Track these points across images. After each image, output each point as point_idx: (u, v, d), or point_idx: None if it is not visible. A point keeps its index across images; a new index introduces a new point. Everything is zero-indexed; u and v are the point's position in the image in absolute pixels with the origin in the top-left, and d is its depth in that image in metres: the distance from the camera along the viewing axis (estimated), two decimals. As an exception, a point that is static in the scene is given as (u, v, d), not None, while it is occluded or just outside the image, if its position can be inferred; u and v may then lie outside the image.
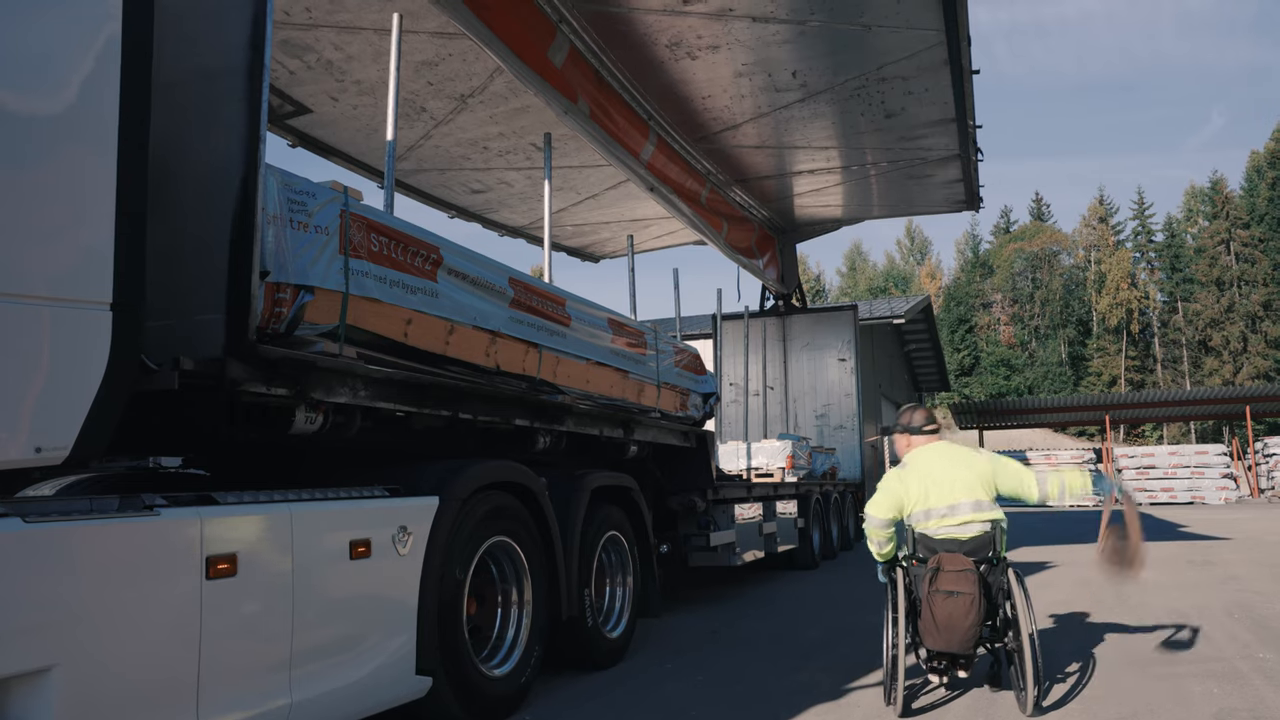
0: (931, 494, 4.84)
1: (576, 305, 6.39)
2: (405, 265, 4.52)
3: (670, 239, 16.12)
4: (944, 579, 4.56)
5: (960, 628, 4.51)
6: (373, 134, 10.59)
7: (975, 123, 11.24)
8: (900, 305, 35.92)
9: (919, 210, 16.34)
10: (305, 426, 4.06)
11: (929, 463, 4.99)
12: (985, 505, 4.83)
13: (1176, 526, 19.75)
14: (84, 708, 2.74)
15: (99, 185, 3.00)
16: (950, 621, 4.51)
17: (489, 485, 4.91)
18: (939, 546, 4.76)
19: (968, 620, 4.51)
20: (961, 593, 4.52)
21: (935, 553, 4.72)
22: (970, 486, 4.84)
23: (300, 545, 3.60)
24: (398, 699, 4.15)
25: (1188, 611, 7.75)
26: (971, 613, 4.51)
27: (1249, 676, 5.33)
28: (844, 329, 17.37)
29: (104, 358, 2.97)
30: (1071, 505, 32.68)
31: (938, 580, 4.57)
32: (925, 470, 4.95)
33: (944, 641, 4.55)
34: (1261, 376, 60.92)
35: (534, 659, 5.13)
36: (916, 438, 5.22)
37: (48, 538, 2.70)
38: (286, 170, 3.90)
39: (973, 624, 4.53)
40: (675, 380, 8.14)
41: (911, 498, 4.89)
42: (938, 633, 4.55)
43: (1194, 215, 75.52)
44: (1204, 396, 39.41)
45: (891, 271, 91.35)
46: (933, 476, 4.89)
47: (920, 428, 5.23)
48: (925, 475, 4.92)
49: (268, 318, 3.70)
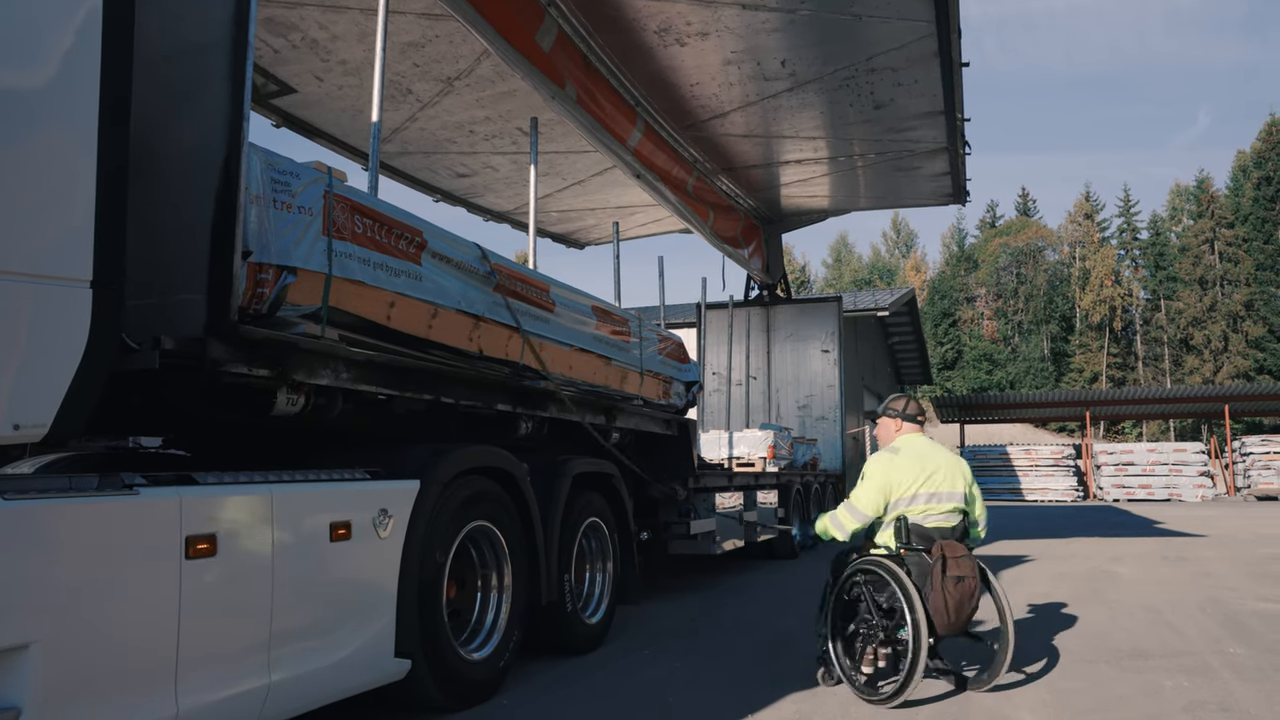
0: (935, 478, 4.92)
1: (560, 291, 6.38)
2: (389, 248, 4.50)
3: (656, 227, 16.10)
4: (952, 565, 4.67)
5: (966, 610, 4.71)
6: (357, 115, 10.52)
7: (964, 116, 11.27)
8: (885, 297, 36.01)
9: (906, 203, 16.38)
10: (287, 408, 4.05)
11: (922, 449, 5.06)
12: (963, 497, 4.96)
13: (1153, 523, 19.97)
14: (62, 684, 2.73)
15: (79, 162, 2.97)
16: (960, 606, 4.66)
17: (470, 470, 4.91)
18: (934, 534, 4.83)
19: (972, 603, 4.74)
20: (967, 577, 4.69)
21: (931, 540, 4.80)
22: (957, 478, 4.98)
23: (280, 526, 3.59)
24: (377, 681, 4.15)
25: (1161, 607, 7.85)
26: (975, 596, 4.74)
27: (1219, 671, 5.40)
28: (828, 320, 17.41)
29: (84, 335, 2.95)
30: (1053, 501, 32.96)
31: (949, 566, 4.66)
32: (920, 455, 5.01)
33: (952, 625, 4.69)
34: (1241, 376, 61.40)
35: (513, 643, 5.14)
36: (907, 424, 5.27)
37: (26, 515, 2.68)
38: (270, 150, 3.88)
39: (975, 607, 4.77)
40: (658, 368, 8.15)
41: (904, 482, 4.92)
42: (949, 617, 4.65)
43: (1179, 214, 75.92)
44: (1184, 395, 39.71)
45: (877, 264, 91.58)
46: (930, 461, 4.97)
47: (913, 415, 5.30)
48: (922, 460, 4.97)
49: (250, 298, 3.68)
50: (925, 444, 5.13)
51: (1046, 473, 34.39)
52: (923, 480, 4.91)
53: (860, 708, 4.69)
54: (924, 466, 4.94)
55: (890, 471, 4.95)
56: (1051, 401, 43.24)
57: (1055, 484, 34.01)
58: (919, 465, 4.94)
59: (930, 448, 5.11)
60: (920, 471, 4.92)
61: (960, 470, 5.03)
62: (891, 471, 4.95)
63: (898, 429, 5.28)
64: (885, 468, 4.97)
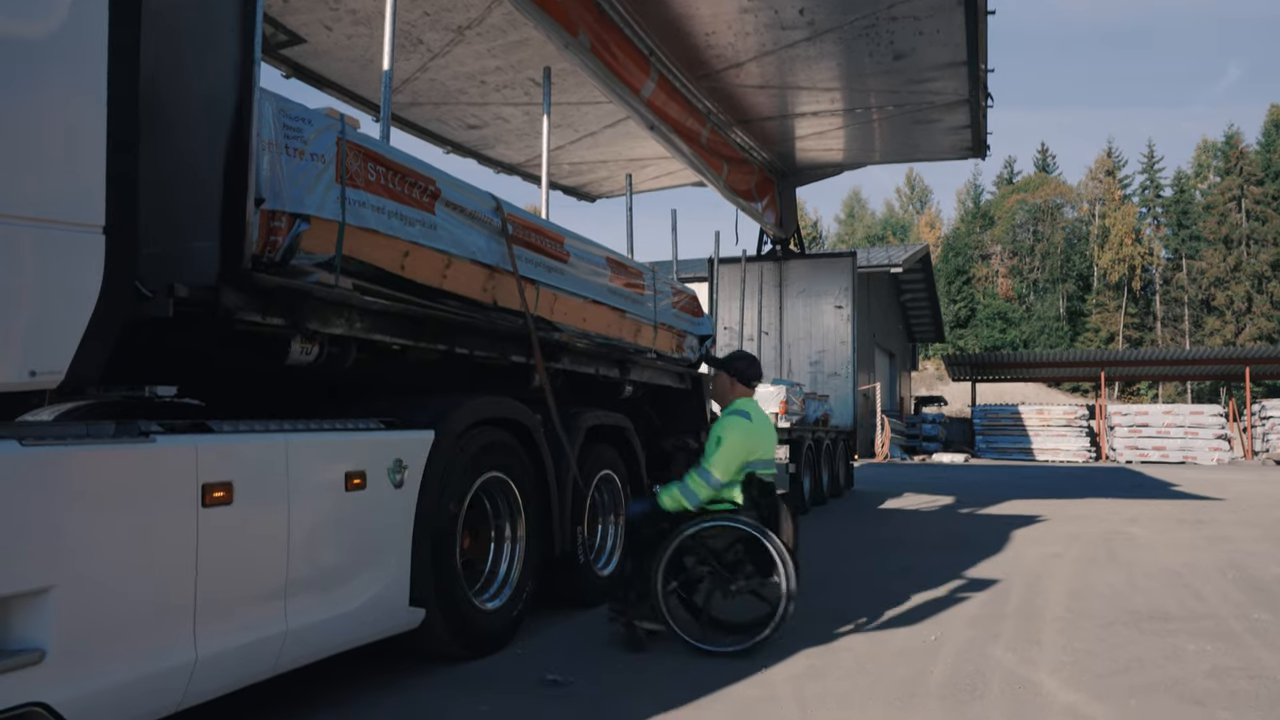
0: (770, 441, 5.25)
1: (575, 243, 6.33)
2: (403, 196, 4.46)
3: (669, 180, 15.95)
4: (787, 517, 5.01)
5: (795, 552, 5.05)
6: (367, 65, 10.42)
7: (987, 66, 11.07)
8: (898, 254, 35.83)
9: (923, 157, 16.18)
10: (300, 357, 4.04)
11: (760, 412, 5.31)
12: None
13: (1168, 485, 19.87)
14: (84, 627, 2.76)
15: (89, 107, 2.94)
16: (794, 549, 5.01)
17: (485, 421, 4.91)
18: (769, 489, 5.10)
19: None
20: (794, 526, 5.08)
21: (768, 495, 5.05)
22: (774, 439, 5.36)
23: (296, 476, 3.60)
24: (391, 629, 4.19)
25: (1180, 570, 7.77)
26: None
27: (1243, 637, 5.32)
28: (842, 276, 17.30)
29: (97, 282, 2.93)
30: (1065, 461, 32.95)
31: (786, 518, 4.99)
32: (762, 418, 5.26)
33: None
34: (1264, 338, 60.46)
35: (526, 594, 5.18)
36: (744, 387, 5.43)
37: (44, 461, 2.69)
38: (282, 96, 3.83)
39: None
40: (672, 321, 8.11)
41: (758, 447, 5.13)
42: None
43: (1204, 171, 74.74)
44: (1204, 356, 39.28)
45: (890, 220, 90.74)
46: (767, 424, 5.27)
47: (752, 379, 5.46)
48: (764, 423, 5.24)
49: (263, 246, 3.66)
50: (758, 406, 5.37)
51: (1059, 433, 34.30)
52: (766, 443, 5.20)
53: (876, 661, 4.72)
54: (767, 430, 5.24)
55: (748, 439, 5.11)
56: (1066, 361, 43.00)
57: (1067, 445, 33.92)
58: (765, 430, 5.22)
59: (762, 410, 5.36)
60: (766, 436, 5.21)
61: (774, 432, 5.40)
62: (749, 439, 5.11)
63: (734, 390, 5.41)
64: (743, 435, 5.11)
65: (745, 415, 5.16)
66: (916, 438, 35.57)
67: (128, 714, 2.94)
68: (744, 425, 5.11)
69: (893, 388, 39.32)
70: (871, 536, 10.14)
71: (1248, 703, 4.06)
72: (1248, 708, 3.98)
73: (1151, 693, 4.20)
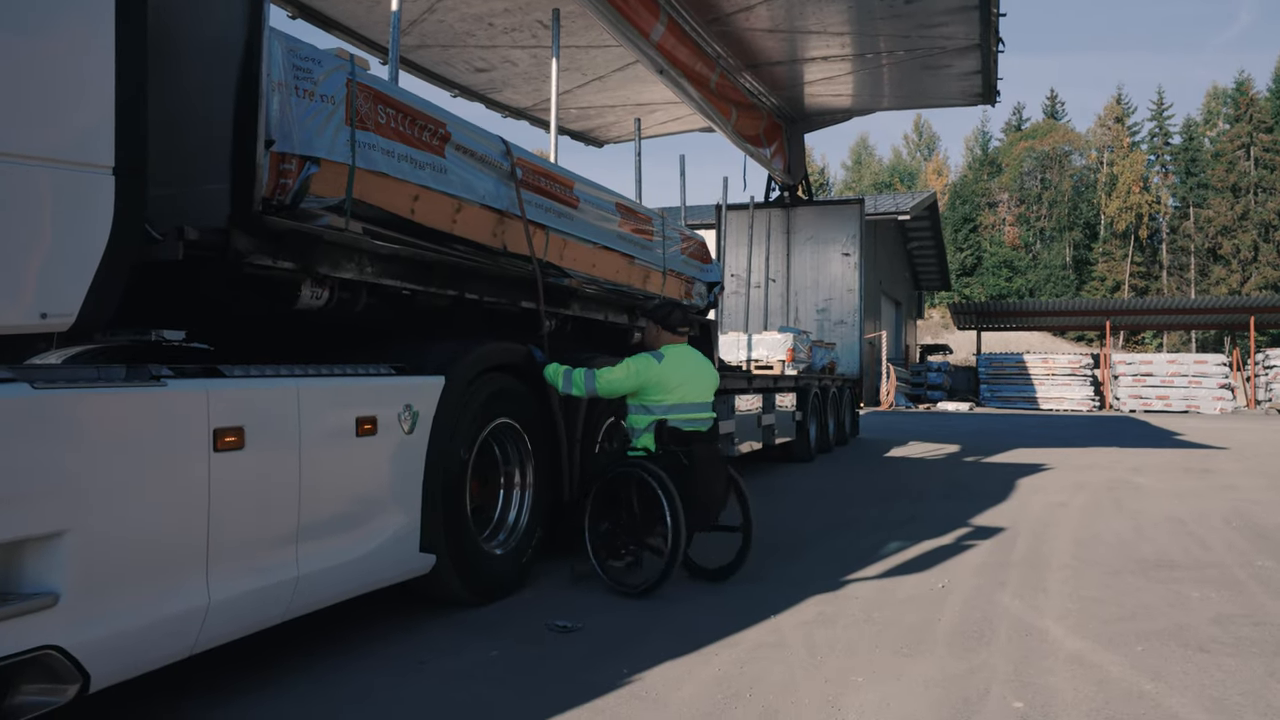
0: (690, 387, 5.23)
1: (585, 188, 6.26)
2: (413, 139, 4.39)
3: (677, 125, 15.77)
4: (705, 465, 5.07)
5: (719, 500, 5.21)
6: (374, 6, 10.24)
7: (999, 10, 10.86)
8: (905, 201, 35.54)
9: (932, 103, 15.96)
10: (311, 301, 4.01)
11: (682, 358, 5.30)
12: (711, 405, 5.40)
13: (1172, 434, 19.90)
14: (97, 571, 2.77)
15: (98, 48, 2.89)
16: (713, 498, 5.14)
17: (495, 367, 4.90)
18: (690, 437, 5.12)
19: (726, 494, 5.24)
20: (719, 474, 5.18)
21: (687, 442, 5.09)
22: (710, 387, 5.38)
23: (307, 421, 3.58)
24: (402, 575, 4.21)
25: (1185, 518, 7.81)
26: (726, 493, 5.24)
27: (1247, 584, 5.37)
28: (849, 223, 17.16)
29: (107, 223, 2.90)
30: (1068, 410, 32.99)
31: (702, 466, 5.05)
32: (680, 364, 5.25)
33: (708, 517, 5.18)
34: (1269, 287, 60.27)
35: (535, 540, 5.20)
36: (668, 334, 5.44)
37: (55, 404, 2.67)
38: (291, 35, 3.75)
39: (724, 503, 5.26)
40: (681, 268, 8.06)
41: (665, 388, 5.16)
42: (706, 511, 5.12)
43: (1214, 118, 73.84)
44: (1209, 305, 39.18)
45: (897, 166, 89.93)
46: (687, 370, 5.26)
47: (676, 326, 5.46)
48: (680, 369, 5.23)
49: (273, 188, 3.61)
50: (687, 353, 5.38)
51: (1063, 382, 34.31)
52: (681, 389, 5.18)
53: (883, 609, 4.75)
54: (683, 376, 5.21)
55: (647, 373, 5.14)
56: (1071, 310, 42.85)
57: (1071, 393, 33.96)
58: (678, 375, 5.20)
59: (689, 356, 5.36)
60: (679, 381, 5.19)
61: (712, 379, 5.41)
62: (649, 374, 5.14)
63: (658, 337, 5.45)
64: (644, 368, 5.16)
65: (658, 357, 5.23)
66: (922, 386, 35.61)
67: (141, 658, 2.96)
68: (649, 363, 5.18)
69: (898, 336, 39.27)
70: (878, 484, 10.17)
71: (1252, 648, 4.09)
72: (1252, 654, 4.02)
73: (1157, 639, 4.23)
